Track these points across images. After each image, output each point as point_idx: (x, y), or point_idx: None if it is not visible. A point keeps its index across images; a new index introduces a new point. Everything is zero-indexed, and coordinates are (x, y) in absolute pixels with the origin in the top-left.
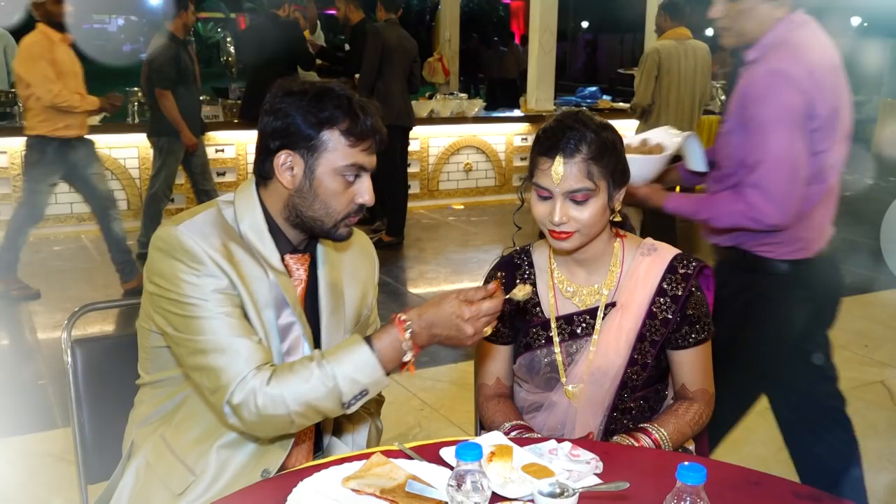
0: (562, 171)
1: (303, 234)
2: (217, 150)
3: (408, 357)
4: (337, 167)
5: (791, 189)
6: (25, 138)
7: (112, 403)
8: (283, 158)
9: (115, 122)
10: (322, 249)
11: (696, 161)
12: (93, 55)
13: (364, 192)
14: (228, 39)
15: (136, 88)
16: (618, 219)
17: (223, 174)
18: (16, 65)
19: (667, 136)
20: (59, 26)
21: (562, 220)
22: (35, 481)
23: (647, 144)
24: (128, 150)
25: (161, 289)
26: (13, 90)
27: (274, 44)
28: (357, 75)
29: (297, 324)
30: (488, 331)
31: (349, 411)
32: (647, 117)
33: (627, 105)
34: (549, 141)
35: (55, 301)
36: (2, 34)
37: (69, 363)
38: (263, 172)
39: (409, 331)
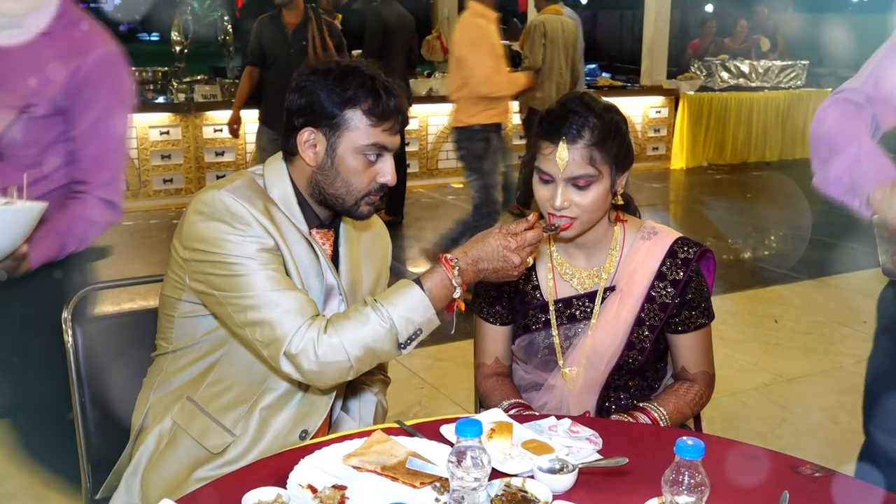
0: (565, 157)
1: (327, 210)
2: (215, 130)
3: (457, 294)
4: (358, 146)
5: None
6: (459, 128)
7: (113, 382)
8: (306, 135)
9: None
10: (344, 227)
11: None
12: None
13: (386, 171)
14: (226, 18)
15: (133, 68)
16: (620, 202)
17: (221, 154)
18: (458, 48)
19: None
20: (492, 3)
21: (563, 205)
22: None
23: None
24: None
25: (201, 252)
26: None
27: None
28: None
29: (336, 287)
30: (531, 261)
31: (404, 353)
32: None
33: (621, 82)
34: (552, 125)
35: None
36: None
37: (70, 343)
38: (288, 148)
39: (456, 268)
